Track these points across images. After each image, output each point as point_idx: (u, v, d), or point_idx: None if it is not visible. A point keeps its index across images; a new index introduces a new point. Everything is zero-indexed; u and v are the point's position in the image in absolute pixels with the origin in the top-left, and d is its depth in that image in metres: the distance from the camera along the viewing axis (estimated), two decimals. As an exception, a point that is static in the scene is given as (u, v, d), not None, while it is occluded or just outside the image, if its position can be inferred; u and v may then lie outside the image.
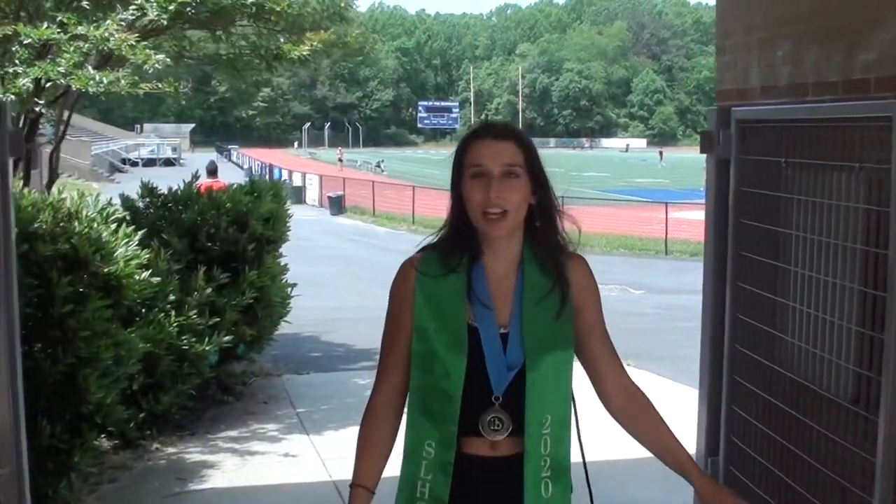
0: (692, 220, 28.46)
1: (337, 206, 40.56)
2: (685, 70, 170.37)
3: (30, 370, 6.49)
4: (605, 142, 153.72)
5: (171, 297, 8.61)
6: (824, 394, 4.55)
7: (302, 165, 67.69)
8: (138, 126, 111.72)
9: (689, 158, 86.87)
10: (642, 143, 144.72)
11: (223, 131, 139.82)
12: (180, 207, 9.87)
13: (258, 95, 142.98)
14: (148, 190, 10.14)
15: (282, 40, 10.63)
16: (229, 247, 9.69)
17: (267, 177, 54.32)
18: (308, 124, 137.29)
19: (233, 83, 11.53)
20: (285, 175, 52.87)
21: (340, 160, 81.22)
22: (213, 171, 18.86)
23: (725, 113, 5.37)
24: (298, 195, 46.56)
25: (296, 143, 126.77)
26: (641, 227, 30.77)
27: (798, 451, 4.80)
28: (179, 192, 10.12)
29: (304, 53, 10.28)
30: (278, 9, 9.90)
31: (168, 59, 9.55)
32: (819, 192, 4.55)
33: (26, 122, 10.68)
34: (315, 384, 11.29)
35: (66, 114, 11.40)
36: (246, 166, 73.34)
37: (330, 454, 8.48)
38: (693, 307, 5.94)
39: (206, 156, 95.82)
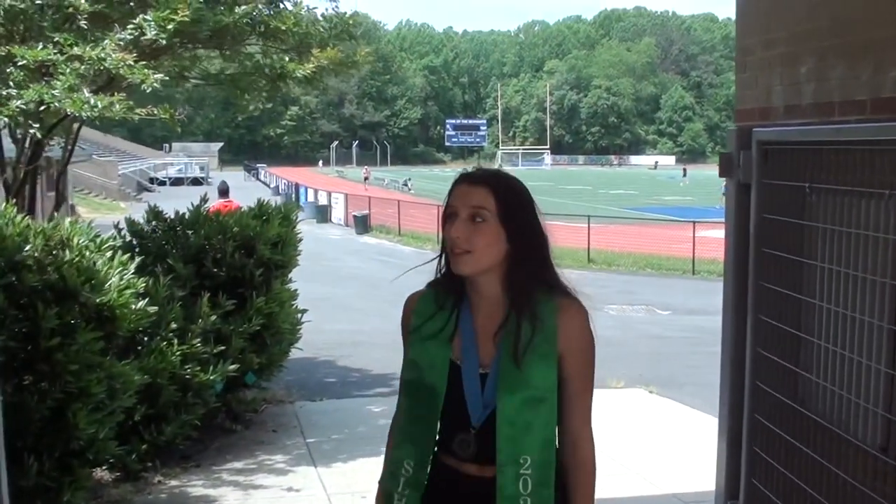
0: (719, 238, 28.05)
1: (362, 224, 40.37)
2: (714, 86, 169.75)
3: (16, 406, 6.23)
4: (634, 159, 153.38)
5: (174, 325, 8.33)
6: (850, 439, 4.20)
7: (330, 184, 67.64)
8: (167, 145, 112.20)
9: (717, 176, 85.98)
10: (671, 160, 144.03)
11: (251, 150, 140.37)
12: (188, 231, 9.60)
13: (286, 114, 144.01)
14: (154, 213, 9.89)
15: (287, 59, 10.36)
16: (236, 272, 9.39)
17: (293, 196, 54.45)
18: (336, 143, 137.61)
19: (237, 103, 11.18)
20: (311, 194, 52.72)
21: (366, 178, 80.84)
22: (224, 192, 19.07)
23: (746, 134, 5.04)
24: (324, 214, 46.51)
25: (321, 162, 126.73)
26: (669, 245, 30.41)
27: (822, 499, 4.45)
28: (186, 215, 9.85)
29: (310, 72, 10.01)
30: (283, 27, 9.64)
31: (167, 78, 9.28)
32: (846, 220, 4.21)
33: (30, 146, 10.46)
34: (328, 412, 10.95)
35: (69, 136, 11.14)
36: (273, 185, 73.40)
37: (336, 489, 8.15)
38: (719, 330, 5.61)
39: (234, 174, 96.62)
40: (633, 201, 55.51)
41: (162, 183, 79.54)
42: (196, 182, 78.67)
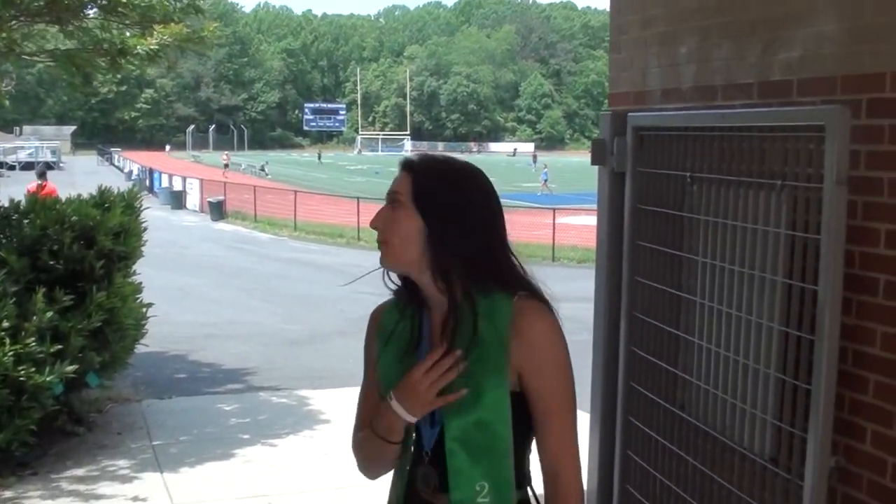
0: (579, 225, 28.19)
1: (217, 211, 39.53)
2: (573, 74, 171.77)
3: None
4: (493, 146, 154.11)
5: (6, 324, 7.71)
6: (736, 447, 3.89)
7: (187, 169, 66.25)
8: (17, 128, 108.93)
9: (575, 163, 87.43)
10: (530, 147, 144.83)
11: (105, 133, 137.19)
12: (24, 221, 8.94)
13: (141, 97, 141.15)
14: (-14, 201, 9.20)
15: (128, 35, 9.73)
16: (74, 265, 8.76)
17: (147, 181, 53.13)
18: (192, 126, 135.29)
19: (72, 82, 10.47)
20: (165, 179, 51.49)
21: (226, 165, 76.21)
22: (41, 174, 18.81)
23: (620, 119, 4.71)
24: (179, 200, 45.44)
25: (167, 147, 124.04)
26: (529, 232, 30.34)
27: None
28: (22, 203, 9.19)
29: (153, 48, 9.41)
30: (124, 0, 9.02)
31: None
32: (731, 212, 3.90)
33: None
34: (176, 411, 10.39)
35: None
36: (127, 170, 71.64)
37: (182, 498, 7.65)
38: (582, 318, 5.28)
39: (88, 159, 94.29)
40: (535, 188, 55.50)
41: (11, 168, 76.90)
42: (47, 167, 76.31)
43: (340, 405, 10.56)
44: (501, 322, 2.60)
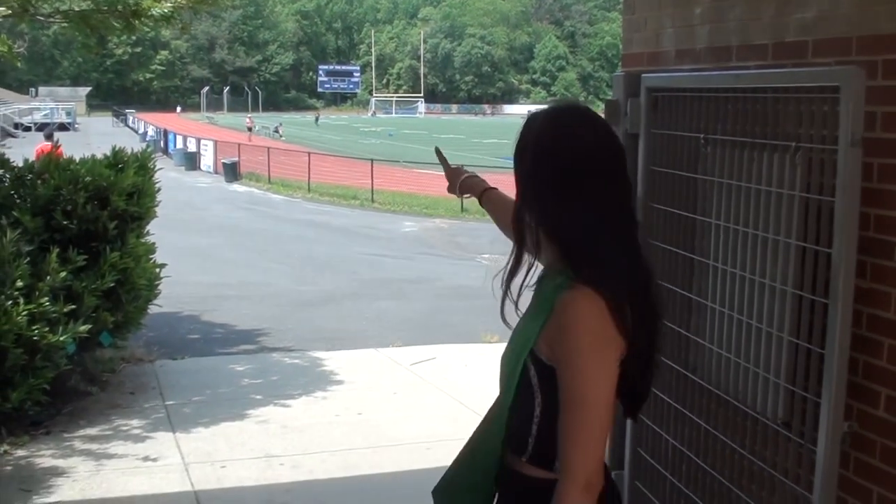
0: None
1: (232, 172, 39.43)
2: (588, 36, 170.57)
3: None
4: (507, 108, 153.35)
5: (20, 283, 7.73)
6: (748, 411, 3.88)
7: (200, 130, 66.10)
8: (33, 89, 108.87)
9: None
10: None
11: (121, 95, 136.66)
12: (37, 181, 8.94)
13: (155, 59, 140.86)
14: (1, 161, 9.19)
15: (143, -5, 9.69)
16: (88, 225, 8.78)
17: (162, 143, 53.09)
18: (207, 88, 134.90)
19: (86, 43, 10.40)
20: (180, 140, 51.43)
21: (251, 129, 71.37)
22: (48, 136, 19.29)
23: (634, 80, 4.67)
24: (193, 161, 45.37)
25: (178, 108, 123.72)
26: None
27: (715, 473, 4.15)
28: (36, 164, 9.19)
29: (167, 10, 9.36)
30: (138, -42, 8.98)
31: (8, 12, 8.55)
32: (745, 174, 3.87)
33: None
34: (189, 371, 10.43)
35: None
36: (142, 131, 71.54)
37: (194, 457, 7.68)
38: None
39: (103, 120, 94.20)
40: (506, 151, 55.18)
41: (27, 129, 76.79)
42: (63, 128, 76.12)
43: (353, 366, 10.60)
44: (548, 296, 2.52)
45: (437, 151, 3.85)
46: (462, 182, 3.77)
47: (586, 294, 2.42)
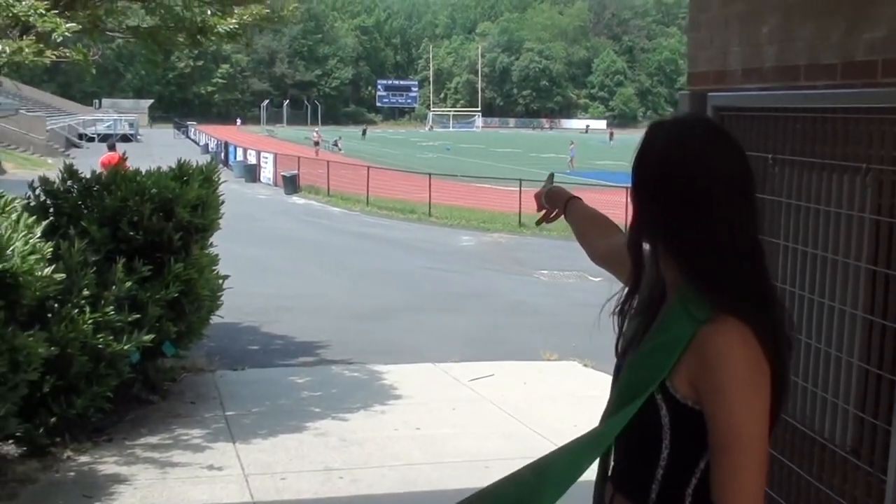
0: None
1: (291, 185, 39.70)
2: (646, 51, 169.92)
3: None
4: (565, 123, 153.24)
5: (86, 292, 7.84)
6: (816, 437, 3.85)
7: (259, 143, 66.57)
8: (97, 101, 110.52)
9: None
10: (602, 124, 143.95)
11: (182, 107, 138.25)
12: (104, 192, 9.08)
13: (217, 72, 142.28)
14: (69, 171, 9.36)
15: (209, 13, 9.80)
16: (153, 236, 8.91)
17: (223, 155, 53.58)
18: (267, 101, 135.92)
19: (153, 58, 10.55)
20: (240, 153, 51.89)
21: (317, 143, 68.00)
22: (111, 147, 22.29)
23: (700, 99, 4.66)
24: (253, 173, 45.75)
25: (238, 121, 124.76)
26: (601, 210, 30.22)
27: (781, 501, 4.12)
28: (104, 174, 9.34)
29: (233, 27, 9.46)
30: (206, -24, 9.10)
31: (79, 27, 8.70)
32: (814, 195, 3.85)
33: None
34: (249, 382, 10.51)
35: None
36: (202, 143, 72.25)
37: (254, 468, 7.74)
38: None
39: (164, 132, 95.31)
40: (564, 165, 55.22)
41: (91, 139, 77.85)
42: (125, 139, 77.11)
43: (411, 381, 10.63)
44: (682, 329, 2.28)
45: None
46: (547, 193, 3.53)
47: (731, 324, 2.22)
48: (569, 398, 10.13)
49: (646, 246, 2.45)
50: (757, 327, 2.22)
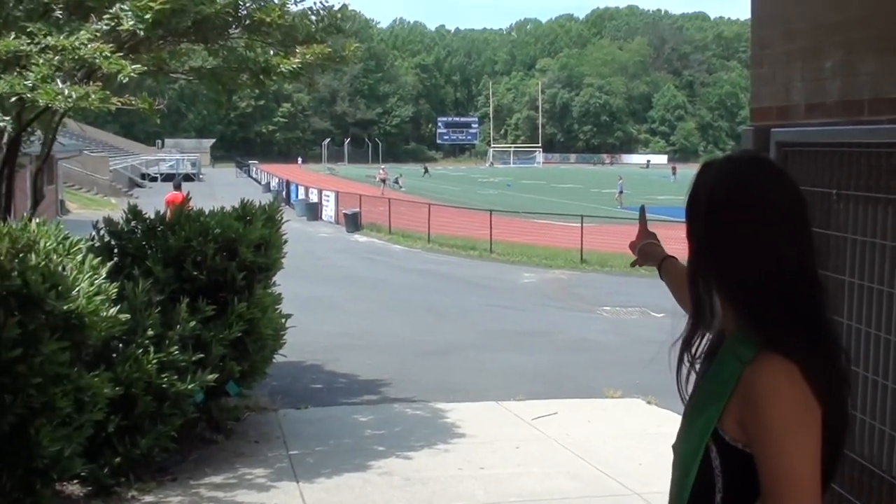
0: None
1: (353, 223, 39.93)
2: (707, 85, 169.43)
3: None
4: (626, 158, 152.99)
5: (151, 332, 7.93)
6: (885, 476, 3.78)
7: (320, 181, 67.03)
8: (159, 141, 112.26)
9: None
10: (663, 159, 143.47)
11: (243, 146, 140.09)
12: (168, 232, 9.19)
13: (278, 111, 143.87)
14: (133, 212, 9.49)
15: (272, 53, 9.91)
16: (217, 276, 8.99)
17: (284, 193, 54.05)
18: (328, 140, 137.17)
19: (216, 99, 10.68)
20: (301, 191, 52.31)
21: (384, 181, 67.59)
22: (177, 186, 23.77)
23: (763, 134, 4.63)
24: (314, 212, 46.07)
25: (299, 159, 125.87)
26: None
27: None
28: (168, 214, 9.46)
29: (296, 67, 9.56)
30: (268, 20, 9.17)
31: (144, 69, 8.84)
32: (879, 230, 3.79)
33: (7, 142, 10.03)
34: (313, 420, 10.53)
35: (48, 131, 10.73)
36: (264, 182, 72.96)
37: (318, 509, 7.75)
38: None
39: (226, 171, 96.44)
40: (626, 200, 55.03)
41: (153, 179, 79.00)
42: (188, 178, 78.16)
43: (474, 419, 10.59)
44: (731, 368, 2.27)
45: (642, 211, 3.64)
46: (642, 247, 3.55)
47: (777, 361, 2.18)
48: (633, 436, 10.04)
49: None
50: (806, 366, 2.17)
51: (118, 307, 6.99)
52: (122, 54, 8.19)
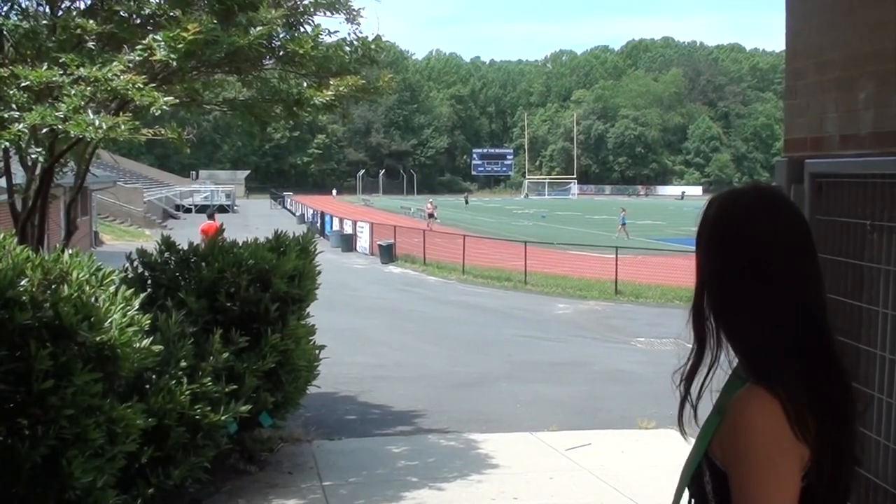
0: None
1: (387, 254, 40.01)
2: (742, 117, 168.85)
3: (6, 452, 5.84)
4: (661, 189, 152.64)
5: (184, 363, 7.94)
6: (888, 489, 3.73)
7: (355, 213, 67.24)
8: (194, 173, 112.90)
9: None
10: (698, 190, 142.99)
11: (278, 177, 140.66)
12: (202, 264, 9.23)
13: (313, 142, 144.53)
14: (167, 243, 9.55)
15: (305, 85, 9.95)
16: (250, 307, 9.02)
17: (319, 224, 54.24)
18: (363, 171, 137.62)
19: (250, 130, 10.73)
20: (336, 222, 52.48)
21: (431, 216, 63.20)
22: (210, 216, 24.19)
23: (797, 165, 4.61)
24: (349, 243, 46.20)
25: (334, 191, 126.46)
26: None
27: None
28: (201, 246, 9.50)
29: (329, 98, 9.60)
30: (301, 51, 9.22)
31: (177, 101, 8.89)
32: (914, 262, 3.75)
33: (40, 172, 10.12)
34: (346, 452, 10.52)
35: (81, 162, 10.82)
36: (299, 213, 73.26)
37: (352, 539, 7.73)
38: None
39: (261, 202, 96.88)
40: (660, 232, 54.99)
41: (188, 210, 79.44)
42: (222, 209, 78.55)
43: (508, 450, 10.55)
44: (727, 395, 2.34)
45: None
46: None
47: (759, 394, 2.21)
48: (667, 467, 9.94)
49: None
50: (787, 400, 2.18)
51: (151, 338, 7.00)
52: (154, 85, 8.24)
